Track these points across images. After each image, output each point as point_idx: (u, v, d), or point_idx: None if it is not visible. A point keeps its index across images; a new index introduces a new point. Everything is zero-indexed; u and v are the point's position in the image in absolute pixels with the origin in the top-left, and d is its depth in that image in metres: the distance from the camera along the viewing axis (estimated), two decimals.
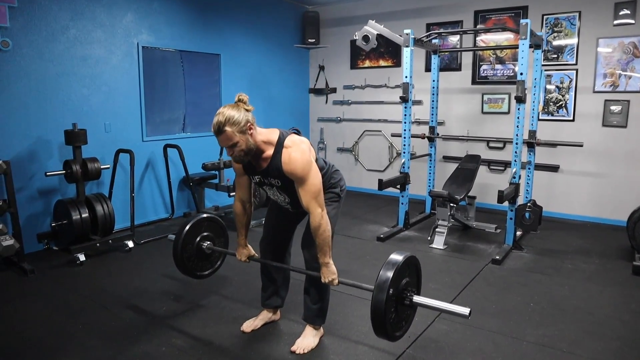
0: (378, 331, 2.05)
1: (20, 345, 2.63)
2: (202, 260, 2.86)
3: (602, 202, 5.14)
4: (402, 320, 2.15)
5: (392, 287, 1.99)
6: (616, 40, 4.86)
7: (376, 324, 2.02)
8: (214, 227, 2.88)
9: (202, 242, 2.80)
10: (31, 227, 4.09)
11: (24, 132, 4.00)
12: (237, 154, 2.21)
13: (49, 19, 4.07)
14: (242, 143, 2.17)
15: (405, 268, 2.10)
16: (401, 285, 2.07)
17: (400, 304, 2.08)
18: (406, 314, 2.17)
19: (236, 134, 2.14)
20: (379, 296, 1.98)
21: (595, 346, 2.61)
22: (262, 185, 2.44)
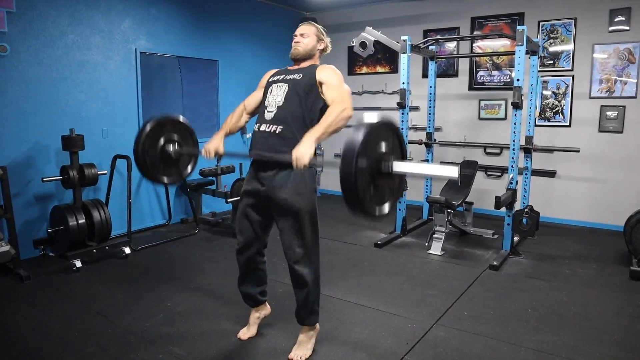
0: (352, 207, 1.76)
1: (15, 353, 2.61)
2: (170, 166, 2.70)
3: (599, 207, 5.16)
4: (383, 194, 1.86)
5: (362, 154, 1.68)
6: (611, 46, 4.89)
7: (348, 198, 1.73)
8: (180, 129, 2.72)
9: (167, 145, 2.64)
10: (27, 233, 4.07)
11: (21, 137, 3.99)
12: (300, 43, 2.53)
13: (47, 25, 4.07)
14: (310, 42, 2.55)
15: (379, 132, 1.81)
16: (377, 152, 1.76)
17: (379, 174, 1.80)
18: (388, 186, 1.87)
19: (315, 35, 2.56)
20: (347, 163, 1.67)
21: (594, 351, 2.61)
22: (276, 83, 2.48)
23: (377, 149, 1.77)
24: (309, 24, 2.60)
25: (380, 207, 1.84)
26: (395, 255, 4.29)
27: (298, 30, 2.57)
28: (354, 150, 1.65)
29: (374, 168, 1.76)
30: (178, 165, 2.76)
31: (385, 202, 1.88)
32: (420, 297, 3.34)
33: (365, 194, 1.72)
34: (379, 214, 1.84)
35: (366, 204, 1.74)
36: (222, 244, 4.63)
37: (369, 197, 1.75)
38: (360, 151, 1.66)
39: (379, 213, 1.84)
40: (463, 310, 3.14)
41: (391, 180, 1.88)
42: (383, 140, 1.81)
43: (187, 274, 3.80)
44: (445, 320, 3.01)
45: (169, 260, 4.14)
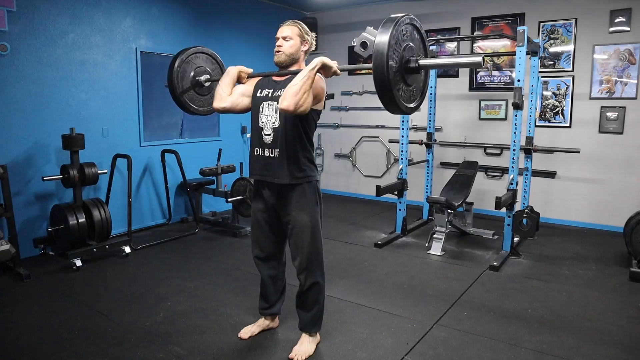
0: (389, 105, 1.88)
1: (15, 351, 2.61)
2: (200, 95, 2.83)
3: (599, 208, 5.16)
4: (412, 88, 1.99)
5: (392, 50, 1.80)
6: (612, 47, 4.89)
7: (384, 96, 1.85)
8: (210, 61, 2.86)
9: (198, 75, 2.74)
10: (27, 232, 4.07)
11: (21, 136, 3.99)
12: (283, 48, 2.41)
13: (48, 24, 4.07)
14: (294, 45, 2.42)
15: (404, 29, 1.91)
16: (404, 48, 1.87)
17: (407, 70, 1.91)
18: (417, 80, 2.00)
19: (297, 36, 2.43)
20: (380, 62, 1.79)
21: (594, 352, 2.61)
22: (265, 100, 2.42)
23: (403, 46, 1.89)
24: (291, 24, 2.46)
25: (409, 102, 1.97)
26: (396, 255, 4.29)
27: (279, 31, 2.45)
28: (385, 48, 1.77)
29: (402, 64, 1.88)
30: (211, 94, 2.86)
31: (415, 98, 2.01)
32: (421, 298, 3.35)
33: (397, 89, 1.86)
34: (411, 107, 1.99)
35: (398, 98, 1.87)
36: (222, 243, 4.63)
37: (399, 91, 1.88)
38: (390, 49, 1.78)
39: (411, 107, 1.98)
40: (463, 311, 3.14)
41: (418, 76, 2.00)
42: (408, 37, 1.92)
43: (187, 273, 3.80)
44: (445, 320, 3.01)
45: (169, 259, 4.13)
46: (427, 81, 2.14)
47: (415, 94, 2.01)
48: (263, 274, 2.70)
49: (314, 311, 2.57)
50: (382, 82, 1.80)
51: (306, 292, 2.53)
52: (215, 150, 5.31)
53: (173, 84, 2.83)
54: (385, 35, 1.82)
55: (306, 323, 2.60)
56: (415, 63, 1.93)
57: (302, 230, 2.43)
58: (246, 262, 3.98)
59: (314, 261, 2.49)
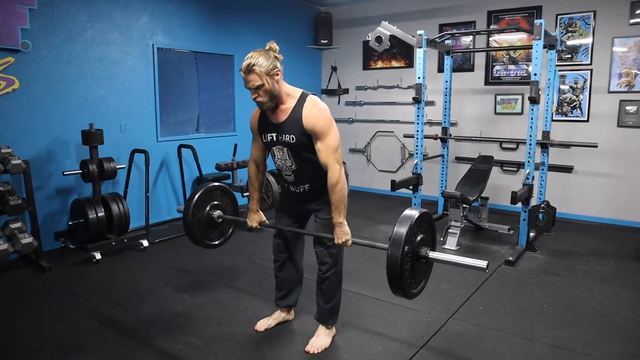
0: (395, 288, 2.02)
1: (37, 342, 2.68)
2: (213, 229, 2.82)
3: (617, 204, 5.09)
4: (418, 277, 2.12)
5: (406, 243, 1.96)
6: (632, 39, 4.81)
7: (392, 280, 1.98)
8: (224, 197, 2.84)
9: (212, 210, 2.75)
10: (49, 226, 4.17)
11: (43, 132, 4.08)
12: (261, 97, 2.25)
13: (67, 21, 4.15)
14: (268, 86, 2.22)
15: (419, 224, 2.06)
16: (416, 242, 2.04)
17: (416, 260, 2.05)
18: (422, 270, 2.14)
19: (263, 76, 2.20)
20: (394, 252, 1.95)
21: (611, 348, 2.60)
22: (273, 145, 2.42)
23: (415, 239, 2.05)
24: (252, 70, 2.21)
25: (416, 289, 2.13)
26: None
27: (246, 82, 2.25)
28: (400, 243, 1.95)
29: (413, 256, 2.03)
30: (221, 229, 2.89)
31: (420, 283, 2.16)
32: (436, 292, 3.35)
33: (406, 277, 2.01)
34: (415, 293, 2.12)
35: (406, 286, 2.01)
36: (239, 237, 4.68)
37: (408, 280, 2.03)
38: (405, 243, 1.95)
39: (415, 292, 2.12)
40: (478, 305, 3.14)
41: (426, 265, 2.14)
42: (420, 231, 2.08)
43: (203, 266, 3.85)
44: (460, 314, 3.01)
45: (185, 253, 4.20)
46: (430, 271, 2.24)
47: (418, 281, 2.14)
48: (281, 265, 2.73)
49: (331, 304, 2.61)
50: (394, 269, 1.96)
51: (326, 281, 2.56)
52: (231, 145, 5.36)
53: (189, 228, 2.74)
54: (404, 227, 1.99)
55: (324, 314, 2.63)
56: (425, 258, 2.07)
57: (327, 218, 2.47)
58: (262, 256, 4.02)
59: (338, 253, 2.55)
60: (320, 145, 2.27)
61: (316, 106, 2.28)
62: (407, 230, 1.97)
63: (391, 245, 1.97)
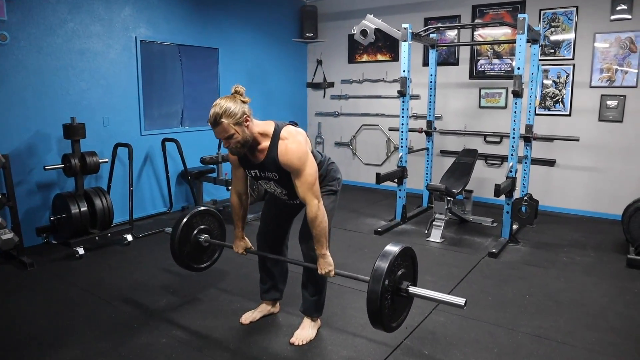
0: (374, 322, 2.06)
1: (20, 339, 2.65)
2: (200, 253, 2.86)
3: (598, 196, 5.18)
4: (398, 311, 2.16)
5: (387, 278, 2.00)
6: (613, 35, 4.88)
7: (372, 314, 2.03)
8: (210, 220, 2.89)
9: (199, 235, 2.79)
10: (30, 221, 4.11)
11: (23, 126, 4.01)
12: (233, 146, 2.21)
13: (47, 13, 4.07)
14: (239, 135, 2.17)
15: (401, 259, 2.11)
16: (397, 276, 2.08)
17: (396, 295, 2.09)
18: (402, 304, 2.19)
19: (232, 126, 2.14)
20: (374, 287, 1.99)
21: (590, 337, 2.65)
22: (259, 179, 2.44)
23: (396, 274, 2.08)
24: (219, 124, 2.14)
25: (396, 322, 2.16)
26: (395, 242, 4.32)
27: (217, 136, 2.21)
28: (380, 278, 1.98)
29: (394, 290, 2.06)
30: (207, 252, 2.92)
31: (399, 317, 2.19)
32: (420, 284, 3.33)
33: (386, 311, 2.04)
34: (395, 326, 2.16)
35: (386, 320, 2.05)
36: None
37: (388, 314, 2.06)
38: (385, 277, 1.99)
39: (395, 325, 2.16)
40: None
41: (407, 300, 2.17)
42: (401, 266, 2.12)
43: None
44: (443, 305, 3.03)
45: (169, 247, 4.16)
46: (409, 305, 2.26)
47: (398, 314, 2.16)
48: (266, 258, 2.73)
49: (317, 296, 2.62)
50: (374, 303, 1.99)
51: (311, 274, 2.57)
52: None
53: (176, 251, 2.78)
54: (384, 262, 2.02)
55: (309, 306, 2.64)
56: (405, 292, 2.10)
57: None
58: None
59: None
60: (297, 182, 2.28)
61: (289, 143, 2.24)
62: (387, 265, 2.01)
63: (371, 279, 2.01)
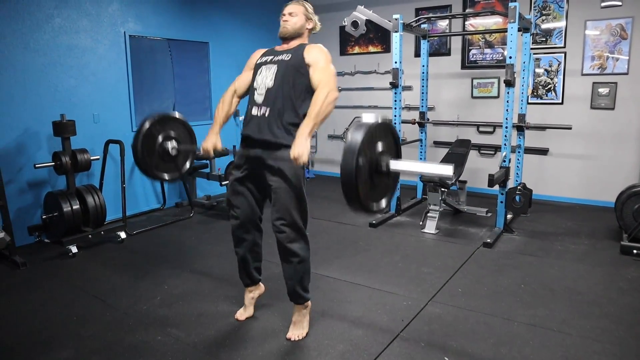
0: (351, 203, 1.85)
1: (14, 338, 2.63)
2: (167, 162, 2.74)
3: (591, 184, 5.20)
4: (378, 190, 1.94)
5: (362, 152, 1.75)
6: (604, 22, 4.87)
7: (348, 195, 1.81)
8: (179, 128, 2.75)
9: (166, 142, 2.67)
10: (22, 220, 4.06)
11: (11, 123, 3.95)
12: (288, 23, 2.50)
13: (33, 8, 4.00)
14: (298, 21, 2.52)
15: (377, 131, 1.87)
16: (375, 152, 1.85)
17: (376, 172, 1.88)
18: (383, 183, 1.96)
19: (302, 14, 2.53)
20: (347, 163, 1.74)
21: (584, 324, 2.67)
22: (265, 64, 2.47)
23: (375, 149, 1.86)
24: (297, 3, 2.56)
25: (377, 203, 1.95)
26: (390, 234, 4.33)
27: (286, 9, 2.54)
28: (355, 151, 1.74)
29: (372, 167, 1.85)
30: (176, 162, 2.79)
31: (382, 198, 1.99)
32: (415, 275, 3.39)
33: (364, 191, 1.81)
34: (376, 209, 1.95)
35: (365, 200, 1.83)
36: (217, 226, 4.65)
37: (367, 194, 1.84)
38: (360, 151, 1.74)
39: (376, 209, 1.95)
40: (457, 287, 3.19)
41: (388, 177, 1.97)
42: (380, 140, 1.89)
43: (183, 257, 3.82)
44: (439, 297, 3.05)
45: (164, 244, 4.15)
46: (395, 183, 2.07)
47: (384, 193, 1.97)
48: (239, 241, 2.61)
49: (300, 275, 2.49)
50: (349, 182, 1.76)
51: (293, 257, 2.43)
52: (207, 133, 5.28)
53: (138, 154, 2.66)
54: (358, 135, 1.78)
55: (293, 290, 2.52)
56: (385, 167, 1.89)
57: (288, 192, 2.36)
58: None
59: (302, 226, 2.42)
60: (318, 69, 2.36)
61: (320, 46, 2.45)
62: (362, 138, 1.76)
63: (344, 155, 1.77)
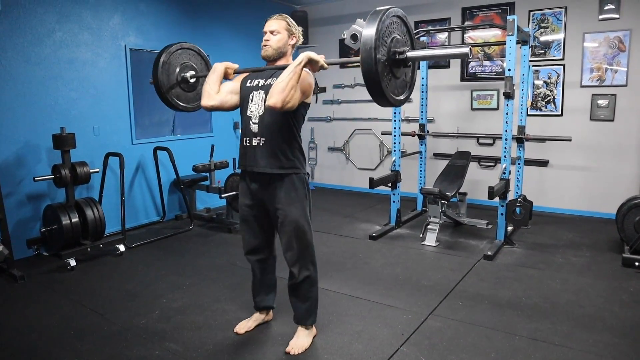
0: (377, 98, 1.88)
1: (11, 352, 2.60)
2: (187, 92, 2.83)
3: (592, 196, 5.19)
4: (400, 81, 1.98)
5: (379, 43, 1.78)
6: (602, 35, 4.90)
7: (373, 91, 1.84)
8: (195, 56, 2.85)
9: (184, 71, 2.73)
10: (20, 233, 4.05)
11: (12, 136, 3.96)
12: (270, 42, 2.44)
13: (34, 22, 4.03)
14: (282, 39, 2.44)
15: (390, 22, 1.90)
16: (390, 42, 1.87)
17: (394, 63, 1.91)
18: (404, 73, 1.99)
19: (284, 30, 2.45)
20: (366, 56, 1.78)
21: (587, 338, 2.64)
22: (255, 90, 2.42)
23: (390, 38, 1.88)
24: (278, 18, 2.48)
25: (399, 96, 1.98)
26: (390, 247, 4.31)
27: (267, 26, 2.47)
28: (372, 41, 1.77)
29: (389, 59, 1.88)
30: (197, 89, 2.86)
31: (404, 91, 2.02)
32: (416, 288, 3.36)
33: (386, 84, 1.85)
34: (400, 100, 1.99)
35: (388, 93, 1.87)
36: (217, 239, 4.63)
37: (388, 86, 1.87)
38: (377, 45, 1.77)
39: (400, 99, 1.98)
40: (458, 301, 3.16)
41: (406, 67, 2.00)
42: (395, 30, 1.92)
43: (182, 270, 3.79)
44: (440, 310, 3.03)
45: (164, 256, 4.13)
46: (414, 73, 2.14)
47: (404, 85, 2.01)
48: (254, 269, 2.70)
49: (307, 304, 2.58)
50: (370, 75, 1.81)
51: (299, 285, 2.53)
52: (207, 146, 5.29)
53: (158, 80, 2.82)
54: (371, 28, 1.82)
55: (301, 316, 2.61)
56: (403, 55, 1.93)
57: (292, 223, 2.42)
58: (241, 258, 3.94)
59: (305, 254, 2.48)
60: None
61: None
62: (376, 29, 1.78)
63: (362, 51, 1.81)
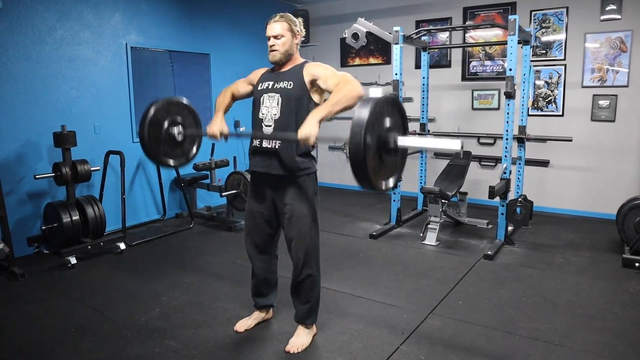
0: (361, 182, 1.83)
1: (11, 350, 2.61)
2: (174, 147, 2.69)
3: (592, 196, 5.19)
4: (388, 168, 1.92)
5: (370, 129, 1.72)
6: (603, 35, 4.90)
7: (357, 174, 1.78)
8: (185, 114, 2.71)
9: (172, 127, 2.61)
10: (21, 231, 4.05)
11: (12, 134, 3.96)
12: (277, 47, 2.41)
13: (36, 20, 4.03)
14: (287, 41, 2.41)
15: (383, 107, 1.84)
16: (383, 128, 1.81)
17: (384, 149, 1.85)
18: (391, 160, 1.93)
19: (287, 31, 2.41)
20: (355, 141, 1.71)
21: (586, 338, 2.64)
22: (266, 92, 2.43)
23: (382, 125, 1.84)
24: (279, 20, 2.42)
25: (386, 182, 1.93)
26: (391, 246, 4.31)
27: (269, 30, 2.43)
28: (362, 127, 1.72)
29: (380, 143, 1.83)
30: (183, 147, 2.76)
31: (391, 176, 1.97)
32: (416, 288, 3.36)
33: (373, 168, 1.80)
34: (385, 188, 1.93)
35: (374, 178, 1.82)
36: (217, 237, 4.63)
37: (375, 172, 1.83)
38: (367, 128, 1.72)
39: (385, 187, 1.93)
40: (458, 300, 3.17)
41: (396, 154, 1.96)
42: (387, 116, 1.88)
43: (182, 268, 3.80)
44: (440, 309, 3.03)
45: (164, 255, 4.13)
46: (404, 161, 2.05)
47: (391, 172, 1.95)
48: (256, 267, 2.71)
49: (309, 303, 2.58)
50: (358, 160, 1.74)
51: (301, 283, 2.53)
52: (208, 144, 5.28)
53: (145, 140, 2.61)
54: (364, 112, 1.75)
55: (302, 315, 2.61)
56: (393, 144, 1.88)
57: (301, 219, 2.43)
58: (241, 256, 3.97)
59: (310, 252, 2.49)
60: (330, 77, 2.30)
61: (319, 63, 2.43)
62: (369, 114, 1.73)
63: (352, 132, 1.74)
